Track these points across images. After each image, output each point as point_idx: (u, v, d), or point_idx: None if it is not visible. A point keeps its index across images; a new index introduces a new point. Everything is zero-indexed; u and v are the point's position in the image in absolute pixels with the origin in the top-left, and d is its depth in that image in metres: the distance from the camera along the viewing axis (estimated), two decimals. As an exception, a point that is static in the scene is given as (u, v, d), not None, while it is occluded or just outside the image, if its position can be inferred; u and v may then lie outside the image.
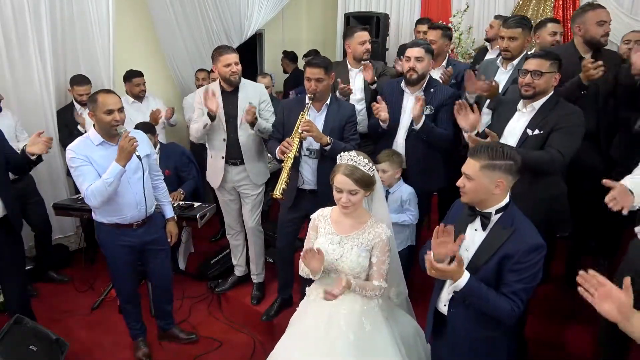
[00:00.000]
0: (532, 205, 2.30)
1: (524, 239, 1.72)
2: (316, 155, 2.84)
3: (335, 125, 2.86)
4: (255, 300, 3.40)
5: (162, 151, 3.71)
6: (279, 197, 2.66)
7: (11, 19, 3.48)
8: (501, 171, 1.74)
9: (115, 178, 2.42)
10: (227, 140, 3.16)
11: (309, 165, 2.88)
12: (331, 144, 2.75)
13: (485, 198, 1.79)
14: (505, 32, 2.96)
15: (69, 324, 3.26)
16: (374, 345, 2.06)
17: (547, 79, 2.36)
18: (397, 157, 2.88)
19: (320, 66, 2.75)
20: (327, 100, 2.88)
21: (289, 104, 2.99)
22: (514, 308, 1.69)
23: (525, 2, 4.97)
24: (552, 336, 2.87)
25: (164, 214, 2.90)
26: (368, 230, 2.10)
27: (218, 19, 4.90)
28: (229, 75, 3.03)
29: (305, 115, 2.75)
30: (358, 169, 2.01)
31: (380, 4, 5.80)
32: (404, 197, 2.88)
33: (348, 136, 2.89)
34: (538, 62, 2.36)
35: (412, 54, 2.91)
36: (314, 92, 2.77)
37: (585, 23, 2.82)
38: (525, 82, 2.39)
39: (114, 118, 2.44)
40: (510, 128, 2.49)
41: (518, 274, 1.70)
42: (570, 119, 2.34)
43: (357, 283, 2.04)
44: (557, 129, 2.33)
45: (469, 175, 1.77)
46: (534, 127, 2.38)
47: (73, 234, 4.23)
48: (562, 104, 2.41)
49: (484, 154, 1.75)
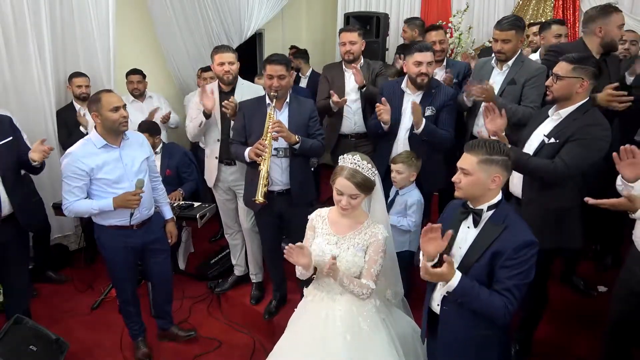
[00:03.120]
0: (540, 213, 2.30)
1: (515, 236, 1.72)
2: (285, 154, 2.80)
3: (300, 122, 2.82)
4: (254, 300, 3.41)
5: (164, 151, 3.73)
6: (261, 201, 2.65)
7: (11, 18, 3.48)
8: (498, 166, 1.75)
9: (101, 211, 2.52)
10: (220, 140, 3.16)
11: (277, 166, 2.81)
12: (300, 142, 2.73)
13: (481, 194, 1.79)
14: (499, 34, 2.92)
15: (69, 324, 3.27)
16: (371, 345, 2.06)
17: (567, 83, 2.22)
18: (416, 160, 2.85)
19: (281, 63, 2.71)
20: (287, 99, 2.84)
21: (247, 106, 2.89)
22: (507, 305, 1.69)
23: (525, 2, 4.97)
24: (553, 337, 2.87)
25: (162, 215, 2.90)
26: (365, 230, 2.10)
27: (218, 19, 4.90)
28: (222, 74, 3.04)
29: (273, 115, 2.72)
30: (360, 173, 2.01)
31: (380, 4, 5.80)
32: (408, 202, 2.85)
33: (313, 132, 2.86)
34: (560, 64, 2.26)
35: (424, 59, 2.87)
36: (277, 89, 2.73)
37: (609, 25, 2.71)
38: (546, 84, 2.33)
39: (121, 115, 2.46)
40: (535, 135, 2.41)
41: (510, 270, 1.70)
42: (588, 131, 2.19)
43: (346, 274, 2.03)
44: (572, 140, 2.21)
45: (466, 169, 1.77)
46: (552, 135, 2.29)
47: (72, 234, 4.23)
48: (590, 114, 2.24)
49: (481, 149, 1.75)
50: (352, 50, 3.47)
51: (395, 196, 2.92)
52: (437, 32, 3.61)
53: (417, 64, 2.90)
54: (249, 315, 3.31)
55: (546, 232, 2.26)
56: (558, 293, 3.17)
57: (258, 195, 2.64)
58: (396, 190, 2.93)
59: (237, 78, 3.13)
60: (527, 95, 2.87)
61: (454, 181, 1.83)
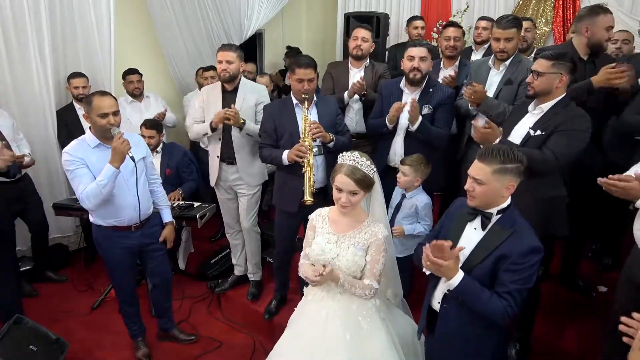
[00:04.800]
0: (529, 204, 2.29)
1: (522, 241, 1.73)
2: (319, 152, 2.85)
3: (328, 120, 2.86)
4: (250, 296, 3.41)
5: (164, 150, 3.74)
6: (311, 201, 2.63)
7: (10, 18, 3.48)
8: (512, 174, 1.74)
9: (109, 180, 2.39)
10: (222, 140, 3.17)
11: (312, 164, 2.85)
12: (334, 140, 2.81)
13: (493, 201, 1.80)
14: (502, 33, 2.91)
15: (69, 324, 3.27)
16: (370, 345, 2.06)
17: (547, 79, 2.31)
18: (425, 167, 2.82)
19: (311, 66, 2.76)
20: (314, 99, 2.88)
21: (274, 108, 2.93)
22: (507, 308, 1.69)
23: (525, 2, 4.97)
24: (553, 336, 2.87)
25: (162, 217, 2.88)
26: (365, 229, 2.10)
27: (218, 19, 4.90)
28: (220, 72, 3.06)
29: (308, 117, 2.76)
30: (360, 170, 2.01)
31: (380, 4, 5.80)
32: (419, 207, 2.84)
33: (341, 129, 2.95)
34: (539, 62, 2.34)
35: (416, 54, 2.89)
36: (307, 92, 2.77)
37: (595, 25, 2.74)
38: (527, 81, 2.40)
39: (108, 122, 2.41)
40: (518, 128, 2.47)
41: (513, 275, 1.71)
42: (573, 123, 2.29)
43: (347, 279, 2.03)
44: (557, 131, 2.30)
45: (480, 180, 1.75)
46: (537, 128, 2.36)
47: (72, 234, 4.23)
48: (571, 107, 2.35)
49: (495, 158, 1.73)
50: (363, 46, 3.49)
51: (402, 199, 2.90)
52: (455, 29, 3.60)
53: (410, 58, 2.92)
54: (249, 315, 3.31)
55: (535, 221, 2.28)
56: (558, 293, 3.18)
57: (307, 196, 2.64)
58: (402, 193, 2.91)
59: (240, 77, 3.13)
60: (521, 95, 2.88)
61: (466, 189, 1.81)
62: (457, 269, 1.73)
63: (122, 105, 3.85)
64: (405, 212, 2.88)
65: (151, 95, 4.42)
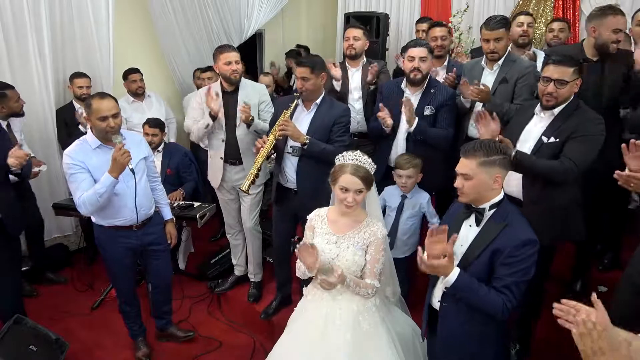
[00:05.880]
0: (544, 212, 2.30)
1: (515, 234, 1.74)
2: (297, 152, 2.82)
3: (321, 125, 2.81)
4: (252, 297, 3.41)
5: (165, 150, 3.74)
6: (244, 191, 2.76)
7: (10, 18, 3.48)
8: (498, 166, 1.77)
9: (107, 189, 2.39)
10: (225, 141, 3.16)
11: (291, 163, 2.87)
12: (308, 143, 2.72)
13: (484, 195, 1.80)
14: (490, 34, 2.91)
15: (69, 324, 3.26)
16: (370, 344, 2.07)
17: (570, 87, 2.25)
18: (417, 161, 2.86)
19: (305, 65, 2.74)
20: (318, 100, 2.85)
21: (280, 103, 2.98)
22: (506, 302, 1.70)
23: (525, 2, 4.96)
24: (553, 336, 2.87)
25: (162, 216, 2.89)
26: (364, 229, 2.11)
27: (218, 19, 4.90)
28: (229, 73, 3.03)
29: (287, 114, 2.76)
30: (363, 167, 2.03)
31: (380, 4, 5.79)
32: (424, 203, 2.91)
33: (334, 137, 2.80)
34: (562, 70, 2.23)
35: (416, 54, 2.89)
36: (301, 90, 2.77)
37: (602, 27, 2.69)
38: (548, 92, 2.26)
39: (108, 125, 2.40)
40: (526, 133, 2.41)
41: (509, 268, 1.71)
42: (588, 127, 2.23)
43: (351, 278, 2.04)
44: (573, 137, 2.23)
45: (467, 174, 1.78)
46: (550, 134, 2.29)
47: (72, 234, 4.22)
48: (582, 109, 2.29)
49: (479, 152, 1.76)
50: (355, 45, 3.48)
51: (403, 200, 2.92)
52: (441, 29, 3.61)
53: (410, 58, 2.92)
54: (249, 315, 3.31)
55: (552, 229, 2.28)
56: (558, 293, 3.16)
57: (243, 186, 2.73)
58: (401, 195, 2.92)
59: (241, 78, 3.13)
60: (519, 93, 2.89)
61: (456, 187, 1.83)
62: (453, 266, 1.73)
63: (122, 106, 3.85)
64: (410, 211, 2.91)
65: (152, 94, 4.42)
